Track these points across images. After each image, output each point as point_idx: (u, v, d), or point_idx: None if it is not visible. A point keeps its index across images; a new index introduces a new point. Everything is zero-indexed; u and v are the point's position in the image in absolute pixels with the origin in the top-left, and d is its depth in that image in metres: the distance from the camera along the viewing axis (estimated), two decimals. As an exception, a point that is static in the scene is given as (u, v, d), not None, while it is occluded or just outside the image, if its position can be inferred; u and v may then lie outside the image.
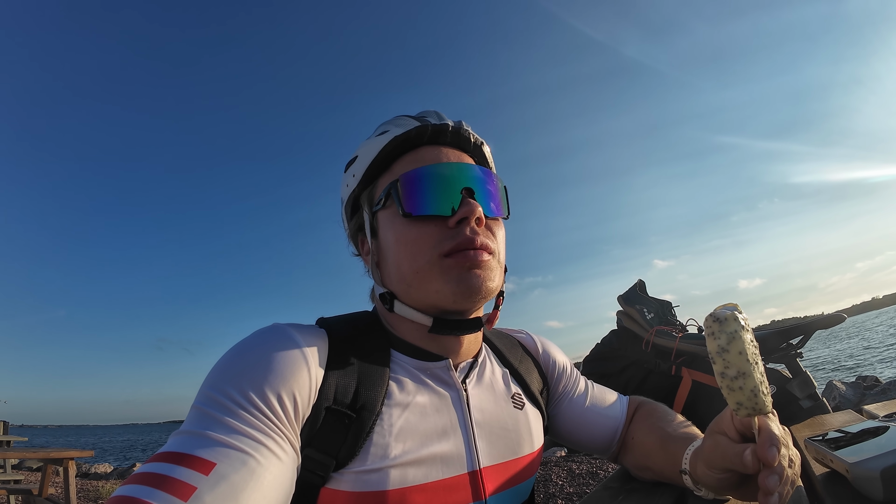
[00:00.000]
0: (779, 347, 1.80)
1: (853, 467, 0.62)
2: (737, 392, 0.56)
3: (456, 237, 0.68)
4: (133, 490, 0.47)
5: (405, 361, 0.73)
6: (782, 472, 0.54)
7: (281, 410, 0.58)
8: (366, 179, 0.77)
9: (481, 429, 0.74)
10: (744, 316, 0.58)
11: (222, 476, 0.49)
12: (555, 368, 0.94)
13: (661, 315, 2.04)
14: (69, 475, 4.15)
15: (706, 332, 0.58)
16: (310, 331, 0.69)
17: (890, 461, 0.59)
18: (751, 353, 0.56)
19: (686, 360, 1.86)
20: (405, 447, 0.66)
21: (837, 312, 1.78)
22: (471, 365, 0.78)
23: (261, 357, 0.61)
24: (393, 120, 0.77)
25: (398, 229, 0.71)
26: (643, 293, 2.15)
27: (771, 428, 0.55)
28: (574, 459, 5.40)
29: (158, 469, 0.49)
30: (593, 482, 4.38)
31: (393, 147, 0.73)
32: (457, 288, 0.67)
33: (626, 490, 0.85)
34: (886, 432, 0.66)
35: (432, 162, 0.73)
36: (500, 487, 0.73)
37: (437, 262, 0.68)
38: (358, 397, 0.65)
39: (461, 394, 0.74)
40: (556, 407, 0.93)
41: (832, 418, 1.39)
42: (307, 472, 0.62)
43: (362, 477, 0.63)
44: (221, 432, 0.53)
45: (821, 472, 0.78)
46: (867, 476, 0.59)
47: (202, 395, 0.58)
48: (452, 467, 0.69)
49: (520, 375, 0.86)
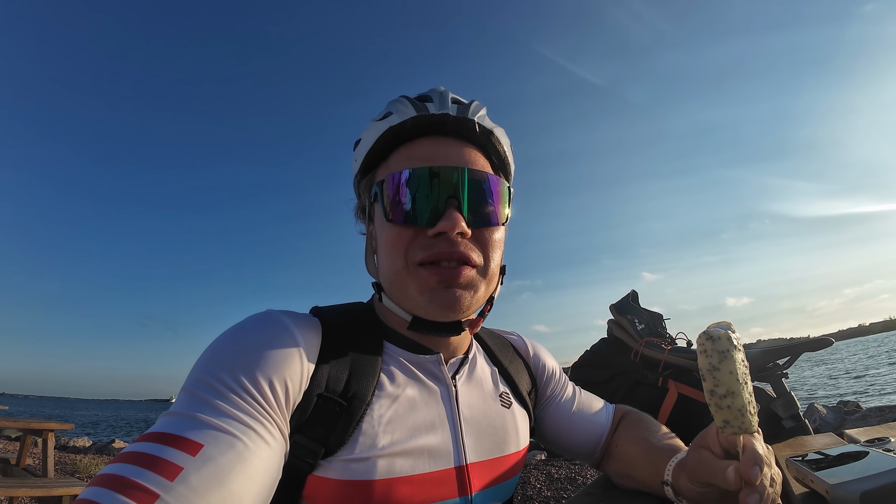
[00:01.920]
0: (765, 367, 1.83)
1: (833, 489, 0.63)
2: (724, 410, 0.56)
3: (430, 248, 0.67)
4: (120, 469, 0.47)
5: (397, 353, 0.73)
6: (763, 491, 0.55)
7: (272, 396, 0.58)
8: (365, 167, 0.76)
9: (469, 425, 0.74)
10: (737, 336, 0.58)
11: (209, 458, 0.49)
12: (544, 371, 0.94)
13: (652, 327, 2.06)
14: (48, 447, 4.12)
15: (698, 349, 0.58)
16: (303, 319, 0.69)
17: (870, 485, 0.60)
18: (741, 372, 0.57)
19: (673, 372, 1.88)
20: (393, 438, 0.66)
21: (825, 336, 1.81)
22: (461, 361, 0.79)
23: (254, 343, 0.61)
24: (396, 101, 0.74)
25: (382, 227, 0.71)
26: (635, 304, 2.17)
27: (755, 447, 0.56)
28: (553, 464, 5.42)
29: (146, 449, 0.49)
30: (571, 488, 4.40)
31: (389, 137, 0.71)
32: (429, 304, 0.68)
33: (607, 497, 0.86)
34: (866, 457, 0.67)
35: (423, 162, 0.69)
36: (485, 484, 0.74)
37: (412, 269, 0.68)
38: (349, 386, 0.66)
39: (450, 389, 0.75)
40: (543, 409, 0.93)
41: (813, 440, 1.41)
42: (296, 458, 0.62)
43: (350, 465, 0.63)
44: (211, 415, 0.53)
45: (800, 492, 0.79)
46: (847, 498, 0.60)
47: (193, 378, 0.58)
48: (439, 461, 0.69)
49: (509, 375, 0.86)
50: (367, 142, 0.74)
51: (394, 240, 0.68)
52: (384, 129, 0.71)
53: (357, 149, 0.77)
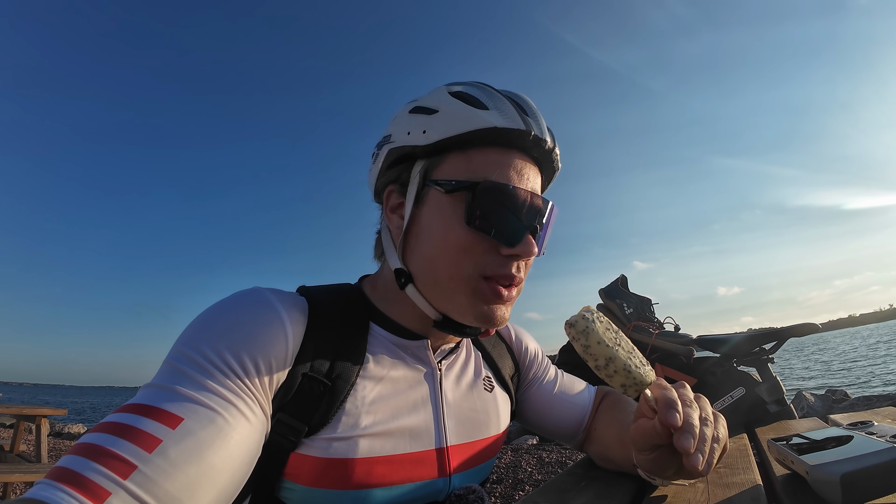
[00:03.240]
0: (751, 351, 1.84)
1: (813, 470, 0.63)
2: (614, 377, 0.61)
3: (502, 268, 0.66)
4: (97, 438, 0.47)
5: (383, 336, 0.72)
6: (693, 430, 0.56)
7: (255, 374, 0.58)
8: (437, 146, 0.67)
9: (450, 408, 0.75)
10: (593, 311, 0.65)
11: (189, 431, 0.49)
12: (526, 355, 0.95)
13: (640, 311, 2.07)
14: (41, 433, 4.12)
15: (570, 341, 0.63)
16: (290, 297, 0.68)
17: (850, 467, 0.59)
18: (608, 338, 0.62)
19: (660, 356, 1.90)
20: (375, 419, 0.66)
21: (812, 323, 1.82)
22: (451, 349, 0.79)
23: (239, 319, 0.60)
24: (492, 94, 0.68)
25: (453, 228, 0.66)
26: (624, 288, 2.18)
27: (665, 393, 0.59)
28: (545, 448, 5.48)
29: (125, 419, 0.48)
30: (562, 471, 4.45)
31: (485, 135, 0.65)
32: (480, 316, 0.68)
33: (588, 477, 0.86)
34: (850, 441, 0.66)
35: (517, 182, 0.66)
36: (464, 465, 0.75)
37: (475, 280, 0.66)
38: (334, 367, 0.66)
39: (435, 373, 0.75)
40: (525, 392, 0.94)
41: (797, 424, 1.41)
42: (278, 436, 0.62)
43: (332, 444, 0.63)
44: (192, 388, 0.53)
45: (781, 474, 0.79)
46: (827, 480, 0.59)
47: (176, 351, 0.57)
48: (420, 442, 0.70)
49: (492, 360, 0.87)
50: (454, 122, 0.66)
51: (469, 246, 0.66)
52: (486, 125, 0.65)
53: (430, 119, 0.67)
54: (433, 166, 0.68)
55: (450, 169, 0.67)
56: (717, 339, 1.94)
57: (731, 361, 1.87)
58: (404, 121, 0.70)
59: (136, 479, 0.45)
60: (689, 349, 1.88)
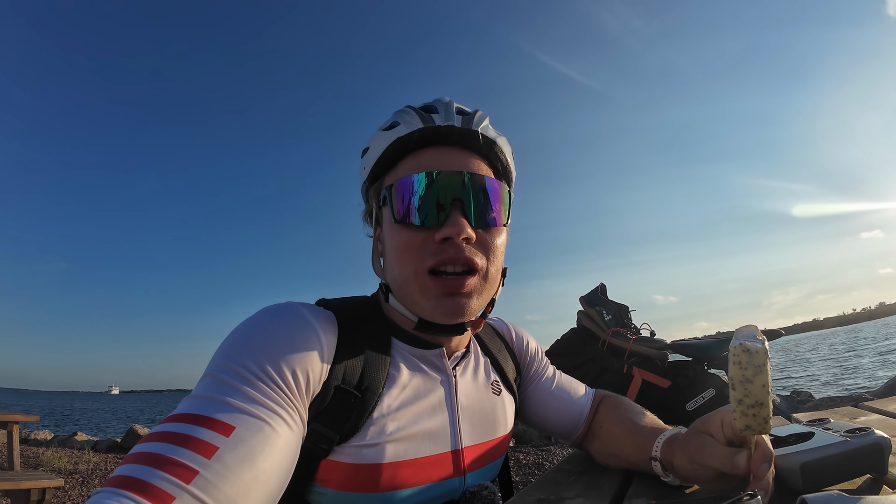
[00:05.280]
0: (721, 355, 1.96)
1: (777, 460, 0.70)
2: (750, 418, 0.58)
3: (440, 253, 0.70)
4: (155, 447, 0.49)
5: (403, 348, 0.78)
6: (768, 486, 0.60)
7: (294, 385, 0.62)
8: (373, 175, 0.78)
9: (464, 412, 0.81)
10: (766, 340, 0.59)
11: (241, 439, 0.53)
12: (526, 353, 1.00)
13: (619, 317, 2.17)
14: (13, 440, 3.98)
15: (732, 359, 0.58)
16: (321, 313, 0.72)
17: (809, 457, 0.67)
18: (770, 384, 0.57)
19: (637, 360, 2.00)
20: (399, 424, 0.72)
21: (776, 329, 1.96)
22: (463, 355, 0.85)
23: (278, 333, 0.65)
24: (402, 111, 0.76)
25: (391, 232, 0.74)
26: (604, 296, 2.27)
27: (767, 446, 0.60)
28: (521, 450, 5.56)
29: (179, 429, 0.51)
30: (538, 472, 4.53)
31: (397, 147, 0.74)
32: (435, 311, 0.72)
33: (577, 472, 0.92)
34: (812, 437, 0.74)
35: (429, 168, 0.72)
36: (476, 464, 0.81)
37: (421, 276, 0.71)
38: (363, 379, 0.71)
39: (450, 379, 0.81)
40: (524, 390, 0.99)
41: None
42: (311, 444, 0.66)
43: (361, 451, 0.69)
44: (240, 400, 0.56)
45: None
46: (789, 468, 0.67)
47: (219, 365, 0.60)
48: (438, 445, 0.76)
49: (499, 364, 0.93)
50: (375, 151, 0.76)
51: (404, 246, 0.71)
52: (392, 139, 0.73)
53: (365, 157, 0.79)
54: (378, 192, 0.78)
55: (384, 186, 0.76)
56: (689, 345, 2.06)
57: (703, 365, 1.99)
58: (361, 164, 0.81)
59: (199, 484, 0.47)
60: (663, 353, 1.99)
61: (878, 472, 0.68)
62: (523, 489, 0.83)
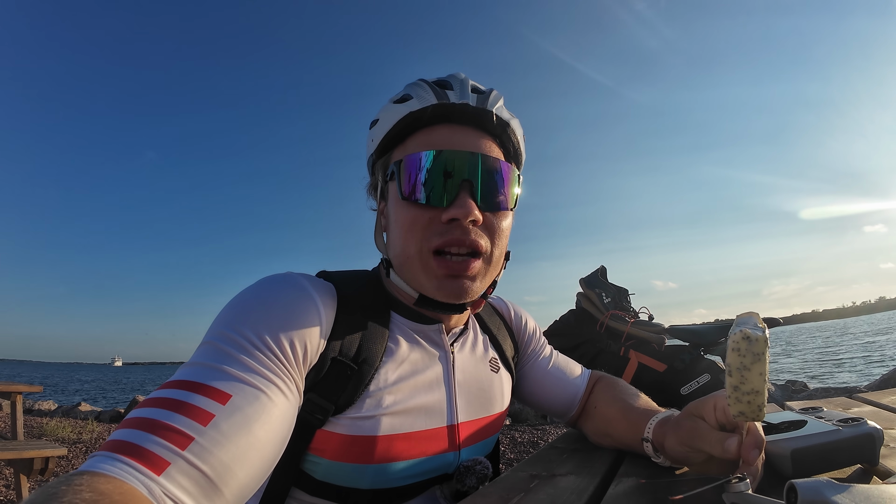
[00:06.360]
0: (718, 341, 1.97)
1: (768, 446, 0.71)
2: (744, 405, 0.57)
3: (445, 234, 0.70)
4: (152, 412, 0.50)
5: (402, 322, 0.78)
6: (757, 472, 0.60)
7: (292, 355, 0.62)
8: (381, 149, 0.77)
9: (461, 388, 0.81)
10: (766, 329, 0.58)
11: (237, 407, 0.53)
12: (525, 332, 1.01)
13: (618, 300, 2.17)
14: (16, 409, 4.04)
15: (731, 346, 0.58)
16: (321, 284, 0.72)
17: (800, 444, 0.67)
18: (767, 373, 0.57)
19: (634, 343, 2.01)
20: (396, 398, 0.72)
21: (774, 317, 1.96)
22: (461, 331, 0.85)
23: (277, 303, 0.65)
24: (416, 85, 0.74)
25: (397, 209, 0.73)
26: (604, 278, 2.27)
27: (759, 432, 0.60)
28: (517, 429, 5.65)
29: (177, 395, 0.52)
30: (533, 450, 4.61)
31: (408, 122, 0.73)
32: (437, 292, 0.72)
33: (570, 450, 0.94)
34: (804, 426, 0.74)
35: (440, 147, 0.71)
36: (471, 439, 0.82)
37: (425, 255, 0.71)
38: (361, 351, 0.71)
39: (448, 355, 0.81)
40: (521, 368, 1.00)
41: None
42: (307, 413, 0.67)
43: (356, 422, 0.69)
44: (237, 368, 0.56)
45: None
46: (779, 454, 0.67)
47: (217, 333, 0.61)
48: (434, 419, 0.76)
49: (497, 342, 0.93)
50: (385, 123, 0.75)
51: (409, 224, 0.71)
52: (404, 113, 0.72)
53: (374, 129, 0.78)
54: (385, 166, 0.77)
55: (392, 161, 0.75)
56: (687, 329, 2.07)
57: (699, 350, 2.00)
58: (368, 136, 0.81)
59: (194, 450, 0.48)
60: (661, 337, 2.00)
61: (868, 462, 0.68)
62: (516, 465, 0.84)
